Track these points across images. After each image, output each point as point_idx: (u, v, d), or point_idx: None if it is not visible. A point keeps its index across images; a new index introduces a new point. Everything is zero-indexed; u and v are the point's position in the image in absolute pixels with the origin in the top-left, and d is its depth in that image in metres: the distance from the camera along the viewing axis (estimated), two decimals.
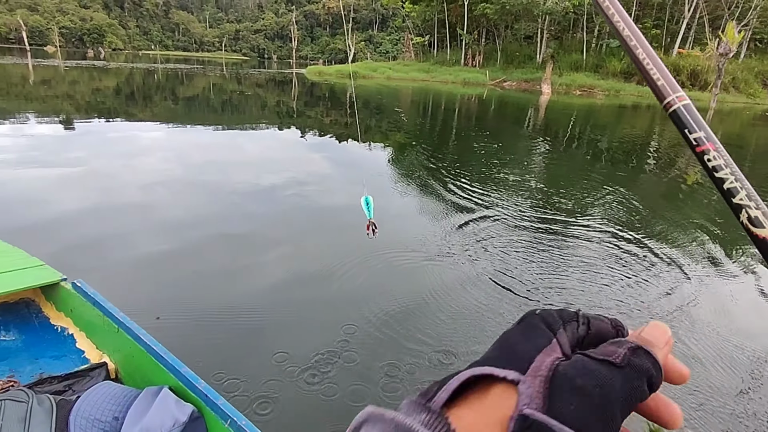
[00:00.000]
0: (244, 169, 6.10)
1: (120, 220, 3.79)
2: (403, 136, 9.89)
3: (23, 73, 21.59)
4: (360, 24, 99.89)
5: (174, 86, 21.01)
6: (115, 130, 8.58)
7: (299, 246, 3.57)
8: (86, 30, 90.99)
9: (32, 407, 1.10)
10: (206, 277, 2.91)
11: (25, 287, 1.73)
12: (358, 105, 16.31)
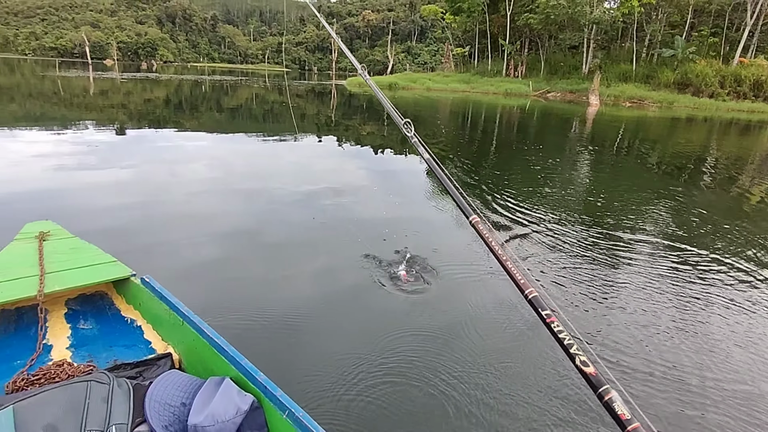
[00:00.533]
0: (282, 177, 6.07)
1: (169, 222, 4.03)
2: (441, 147, 9.54)
3: (85, 84, 22.89)
4: (399, 35, 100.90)
5: (219, 97, 21.62)
6: (164, 139, 8.76)
7: (335, 255, 3.44)
8: (141, 44, 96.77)
9: (113, 389, 1.17)
10: (242, 276, 3.05)
11: (99, 281, 1.86)
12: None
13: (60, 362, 1.43)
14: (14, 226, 2.27)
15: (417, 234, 3.93)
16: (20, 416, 1.04)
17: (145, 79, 31.48)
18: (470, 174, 6.70)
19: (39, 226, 2.17)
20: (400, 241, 3.69)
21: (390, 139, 10.60)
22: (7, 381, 1.35)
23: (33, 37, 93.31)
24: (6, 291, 1.64)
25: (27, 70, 37.17)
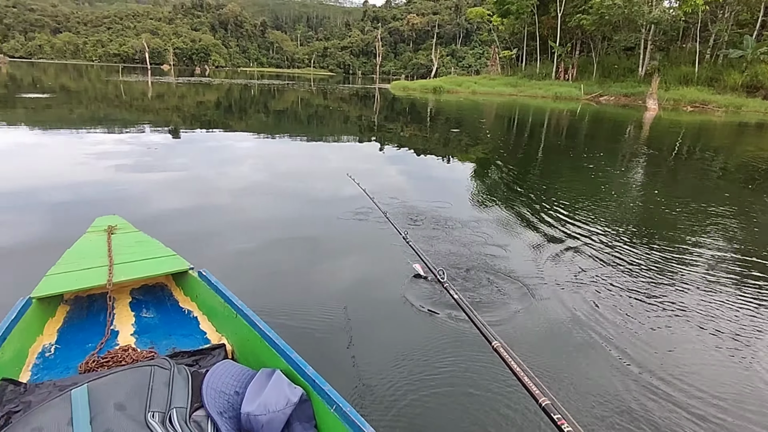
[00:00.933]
0: (324, 179, 6.19)
1: (220, 219, 4.23)
2: (485, 151, 9.38)
3: (143, 89, 24.37)
4: (443, 39, 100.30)
5: (266, 100, 22.36)
6: (214, 140, 9.15)
7: (377, 255, 3.46)
8: (195, 50, 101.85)
9: (173, 375, 1.23)
10: (287, 272, 3.15)
11: (160, 273, 1.97)
12: (440, 119, 16.01)
13: (125, 347, 1.54)
14: (86, 219, 2.46)
15: (464, 242, 3.88)
16: (94, 394, 1.12)
17: (198, 83, 33.06)
18: (516, 181, 6.52)
19: (108, 221, 2.33)
20: (448, 246, 3.66)
21: (431, 142, 10.55)
22: (81, 362, 1.47)
23: (99, 45, 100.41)
24: (80, 279, 1.78)
25: (93, 75, 40.04)
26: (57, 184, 5.03)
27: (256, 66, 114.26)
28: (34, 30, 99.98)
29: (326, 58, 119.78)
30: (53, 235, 3.43)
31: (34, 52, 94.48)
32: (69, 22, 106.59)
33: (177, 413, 1.11)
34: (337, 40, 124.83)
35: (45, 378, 1.41)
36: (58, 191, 4.77)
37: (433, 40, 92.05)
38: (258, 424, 1.10)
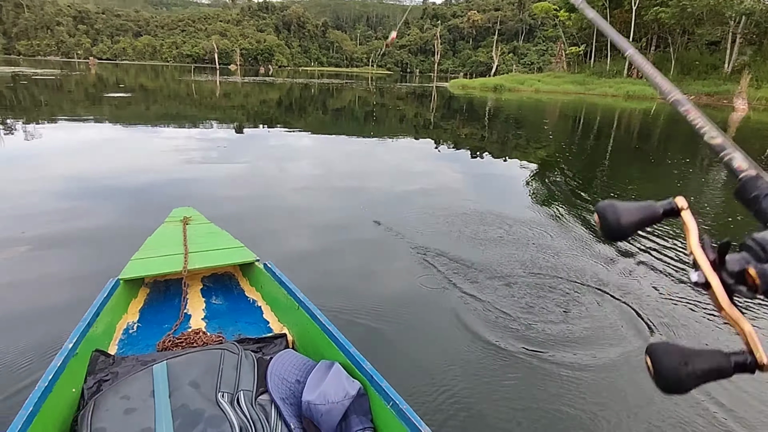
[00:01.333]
0: (379, 176, 6.26)
1: (280, 213, 4.42)
2: (546, 153, 9.01)
3: (212, 87, 25.86)
4: (505, 35, 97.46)
5: (325, 99, 22.92)
6: (275, 137, 9.54)
7: (432, 254, 3.37)
8: (260, 50, 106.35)
9: (241, 359, 1.30)
10: (343, 267, 3.22)
11: (229, 263, 2.09)
12: (499, 118, 15.60)
13: (197, 330, 1.66)
14: (162, 209, 2.67)
15: (519, 240, 3.77)
16: (172, 371, 1.22)
17: (262, 82, 34.53)
18: (581, 186, 6.20)
19: (183, 212, 2.52)
20: (502, 246, 3.58)
21: (489, 141, 10.32)
22: (158, 340, 1.60)
23: (174, 47, 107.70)
24: (160, 265, 1.95)
25: (168, 75, 43.05)
26: (137, 176, 5.48)
27: (316, 65, 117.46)
28: (119, 34, 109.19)
29: (384, 56, 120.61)
30: (134, 222, 3.75)
31: (118, 54, 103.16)
32: (149, 26, 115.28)
33: (244, 395, 1.18)
34: (396, 39, 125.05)
35: (129, 352, 1.55)
36: (138, 182, 5.20)
37: (493, 37, 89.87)
38: (318, 413, 1.14)
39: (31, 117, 10.82)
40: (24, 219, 3.77)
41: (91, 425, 1.09)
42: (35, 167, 5.83)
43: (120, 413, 1.12)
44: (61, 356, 1.26)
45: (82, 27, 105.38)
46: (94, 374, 1.34)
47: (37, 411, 1.10)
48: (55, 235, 3.43)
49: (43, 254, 3.11)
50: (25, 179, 5.15)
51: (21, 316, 2.33)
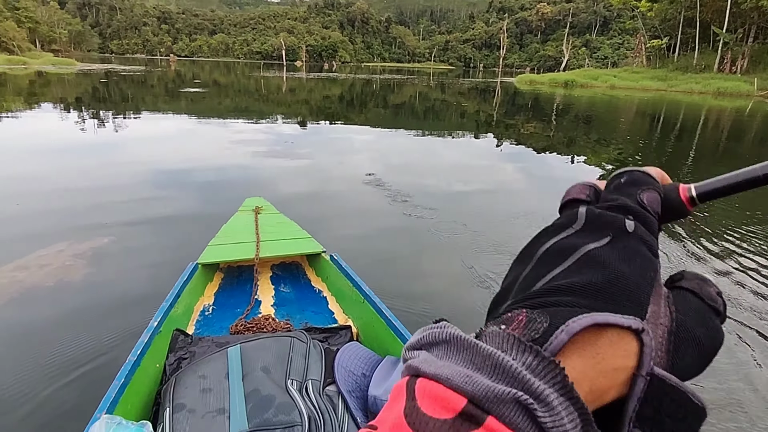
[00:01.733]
0: (437, 173, 6.17)
1: (340, 206, 4.47)
2: (620, 154, 8.42)
3: (279, 83, 26.92)
4: (576, 28, 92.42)
5: (386, 94, 23.04)
6: (336, 132, 9.74)
7: (496, 255, 3.22)
8: (324, 47, 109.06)
9: (310, 348, 1.31)
10: (403, 262, 3.22)
11: (297, 253, 2.15)
12: (567, 116, 14.84)
13: (267, 316, 1.72)
14: (232, 198, 2.80)
15: None
16: (245, 354, 1.27)
17: (326, 78, 35.38)
18: None
19: (255, 202, 2.63)
20: None
21: (555, 140, 9.84)
22: (231, 324, 1.69)
23: (245, 44, 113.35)
24: (234, 252, 2.04)
25: (239, 71, 45.35)
26: (210, 166, 5.82)
27: (378, 61, 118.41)
28: (197, 32, 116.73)
29: (447, 51, 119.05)
30: (207, 209, 3.99)
31: (195, 52, 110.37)
32: (223, 25, 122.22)
33: (312, 384, 1.20)
34: (460, 33, 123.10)
35: (204, 333, 1.64)
36: (211, 172, 5.52)
37: (564, 30, 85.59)
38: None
39: (119, 110, 11.87)
40: (111, 203, 4.14)
41: (173, 400, 1.16)
42: (123, 156, 6.38)
43: (198, 391, 1.18)
44: (147, 333, 1.36)
45: (165, 27, 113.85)
46: (174, 352, 1.42)
47: (128, 382, 1.19)
48: (140, 218, 3.73)
49: (128, 234, 3.39)
50: (114, 166, 5.65)
51: (109, 291, 2.55)
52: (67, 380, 1.78)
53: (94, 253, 3.03)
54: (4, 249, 3.02)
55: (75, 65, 36.01)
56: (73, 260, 2.86)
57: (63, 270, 2.74)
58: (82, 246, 3.10)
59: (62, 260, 2.86)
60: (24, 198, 4.17)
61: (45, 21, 62.55)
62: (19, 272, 2.69)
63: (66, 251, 3.00)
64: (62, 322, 2.19)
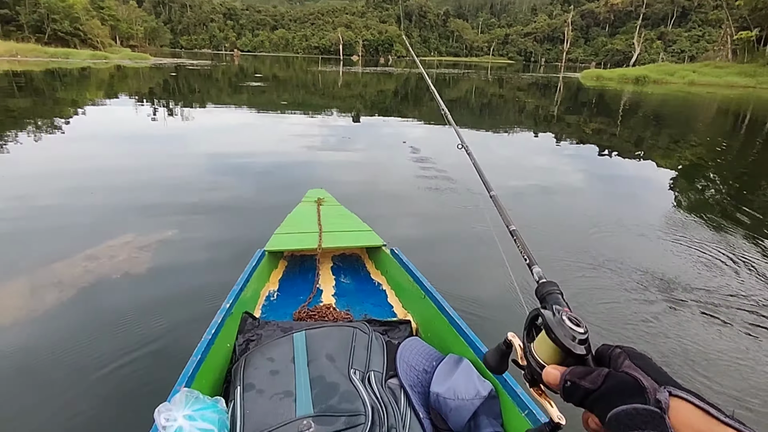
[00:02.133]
0: (491, 169, 5.93)
1: (396, 200, 4.54)
2: (695, 156, 7.79)
3: (335, 78, 27.36)
4: (650, 20, 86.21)
5: (440, 89, 22.73)
6: (389, 126, 9.77)
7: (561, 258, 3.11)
8: (381, 41, 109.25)
9: (372, 340, 1.32)
10: (464, 259, 3.17)
11: (357, 245, 2.18)
12: (636, 114, 13.92)
13: (328, 305, 1.77)
14: (292, 189, 2.88)
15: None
16: (310, 341, 1.31)
17: (381, 72, 35.50)
18: (740, 198, 5.20)
19: (317, 193, 2.70)
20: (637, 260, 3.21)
21: (620, 139, 9.27)
22: (294, 310, 1.74)
23: (304, 39, 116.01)
24: (298, 241, 2.11)
25: (297, 66, 46.53)
26: (270, 157, 6.05)
27: (435, 55, 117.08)
28: (259, 28, 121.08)
29: (506, 45, 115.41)
30: (267, 199, 4.16)
31: (257, 47, 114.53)
32: (284, 20, 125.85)
33: (374, 376, 1.22)
34: (520, 26, 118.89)
35: (270, 318, 1.71)
36: (271, 163, 5.73)
37: (636, 23, 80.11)
38: (446, 407, 1.13)
39: (186, 101, 12.61)
40: (181, 190, 4.41)
41: (243, 380, 1.22)
42: (190, 146, 6.78)
43: (266, 373, 1.24)
44: (220, 314, 1.44)
45: (230, 23, 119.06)
46: (243, 333, 1.50)
47: (203, 359, 1.26)
48: (207, 206, 3.96)
49: (197, 220, 3.60)
50: (183, 156, 6.02)
51: (179, 274, 2.73)
52: (146, 356, 1.93)
53: (165, 238, 3.24)
54: (91, 234, 3.32)
55: (149, 59, 38.63)
56: (148, 244, 3.09)
57: (140, 252, 2.96)
58: (156, 232, 3.33)
59: (139, 244, 3.10)
60: (101, 185, 4.54)
61: (124, 19, 67.46)
62: (104, 256, 2.94)
63: (142, 237, 3.24)
64: (142, 300, 2.37)
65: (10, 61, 26.58)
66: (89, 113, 9.74)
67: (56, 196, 4.09)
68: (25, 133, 7.08)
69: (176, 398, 1.08)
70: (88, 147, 6.32)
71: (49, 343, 1.99)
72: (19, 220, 3.49)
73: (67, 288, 2.45)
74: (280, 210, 2.55)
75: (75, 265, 2.71)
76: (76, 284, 2.50)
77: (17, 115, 8.81)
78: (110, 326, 2.12)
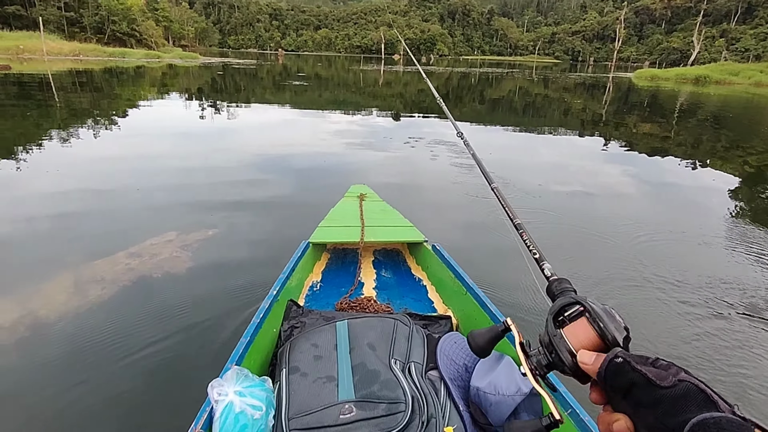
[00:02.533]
0: (534, 172, 5.90)
1: (433, 198, 4.52)
2: (759, 162, 7.27)
3: (375, 77, 27.54)
4: (711, 16, 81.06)
5: (483, 88, 22.41)
6: (429, 125, 9.73)
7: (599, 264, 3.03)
8: (423, 40, 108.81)
9: (412, 332, 1.35)
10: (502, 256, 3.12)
11: (399, 240, 2.22)
12: (694, 117, 13.16)
13: (369, 297, 1.81)
14: (334, 186, 2.94)
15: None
16: (352, 329, 1.35)
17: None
18: None
19: (359, 189, 2.75)
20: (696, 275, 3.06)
21: (675, 143, 8.80)
22: (336, 301, 1.80)
23: (346, 38, 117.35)
24: (341, 234, 2.17)
25: (339, 65, 47.15)
26: (312, 154, 6.19)
27: (478, 54, 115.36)
28: (303, 28, 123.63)
29: (553, 44, 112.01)
30: (309, 194, 4.27)
31: (300, 46, 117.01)
32: (327, 20, 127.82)
33: (414, 367, 1.24)
34: (568, 25, 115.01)
35: (313, 307, 1.78)
36: (312, 159, 5.86)
37: (695, 19, 75.62)
38: (486, 402, 1.14)
39: (232, 99, 13.09)
40: (228, 184, 4.60)
41: (289, 362, 1.28)
42: (236, 141, 7.05)
43: (310, 357, 1.29)
44: (268, 300, 1.51)
45: (275, 23, 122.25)
46: (288, 320, 1.56)
47: (252, 341, 1.33)
48: (254, 199, 4.11)
49: (245, 213, 3.75)
50: (229, 150, 6.27)
51: (231, 260, 2.86)
52: (200, 334, 2.04)
53: (218, 229, 3.40)
54: (146, 224, 3.53)
55: (198, 59, 40.34)
56: (200, 236, 3.26)
57: (193, 243, 3.13)
58: (208, 224, 3.51)
59: (192, 235, 3.27)
60: (151, 177, 4.80)
61: (177, 19, 70.71)
62: (161, 245, 3.12)
63: (194, 229, 3.41)
64: (195, 286, 2.51)
65: (73, 60, 28.52)
66: (142, 109, 10.32)
67: (116, 184, 4.38)
68: (85, 127, 7.61)
69: (228, 375, 1.15)
70: (142, 141, 6.71)
71: (116, 326, 2.15)
72: (84, 208, 3.77)
73: (129, 275, 2.63)
74: (323, 204, 2.63)
75: (136, 254, 2.90)
76: (137, 271, 2.68)
77: (79, 109, 9.46)
78: (169, 309, 2.26)
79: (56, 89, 12.91)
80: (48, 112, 8.93)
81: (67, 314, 2.20)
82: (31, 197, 3.96)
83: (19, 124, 7.51)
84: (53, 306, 2.25)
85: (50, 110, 9.11)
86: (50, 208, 3.70)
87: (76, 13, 42.55)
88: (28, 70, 18.73)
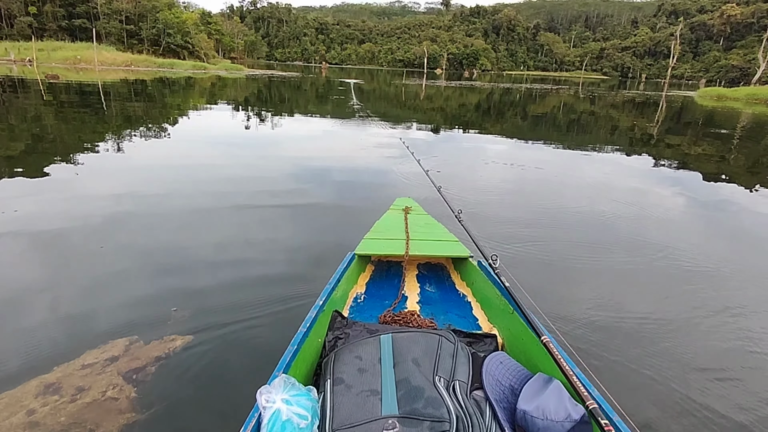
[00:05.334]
0: (576, 190, 5.83)
1: (476, 213, 4.45)
2: None
3: (417, 91, 27.71)
4: None
5: (526, 104, 22.06)
6: (468, 140, 9.68)
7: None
8: (466, 55, 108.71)
9: (457, 349, 1.32)
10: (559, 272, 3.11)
11: (444, 255, 2.20)
12: (754, 137, 12.38)
13: (412, 312, 1.81)
14: (383, 198, 2.97)
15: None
16: (396, 343, 1.36)
17: (463, 86, 35.27)
18: None
19: (404, 202, 2.78)
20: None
21: (731, 164, 8.30)
22: (380, 314, 1.81)
23: (389, 52, 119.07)
24: (386, 247, 2.19)
25: (381, 78, 47.82)
26: (357, 167, 6.30)
27: (522, 69, 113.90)
28: (347, 42, 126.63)
29: (601, 60, 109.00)
30: (349, 205, 4.34)
31: (344, 60, 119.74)
32: (371, 34, 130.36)
33: (459, 386, 1.23)
34: (618, 40, 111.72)
35: (356, 318, 1.80)
36: (357, 172, 5.97)
37: (758, 35, 71.50)
38: (534, 426, 1.11)
39: (276, 110, 13.56)
40: (275, 195, 4.75)
41: (333, 373, 1.30)
42: (281, 151, 7.28)
43: (354, 370, 1.30)
44: (314, 310, 1.54)
45: (321, 36, 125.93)
46: (332, 330, 1.59)
47: (299, 350, 1.36)
48: (302, 209, 4.23)
49: (294, 223, 3.86)
50: (274, 159, 6.49)
51: (277, 269, 2.93)
52: (248, 340, 2.11)
53: (267, 238, 3.50)
54: (206, 219, 3.70)
55: (243, 70, 42.18)
56: (242, 238, 3.37)
57: (239, 251, 3.25)
58: (257, 233, 3.63)
59: (239, 243, 3.39)
60: (209, 179, 5.05)
61: (228, 33, 74.28)
62: (210, 248, 3.26)
63: (242, 237, 3.54)
64: (242, 293, 2.58)
65: (125, 70, 30.48)
66: (192, 118, 10.88)
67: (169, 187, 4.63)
68: (137, 134, 8.10)
69: (275, 382, 1.18)
70: (190, 149, 7.07)
71: (165, 327, 2.25)
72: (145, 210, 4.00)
73: (185, 277, 2.76)
74: (368, 216, 2.66)
75: (187, 254, 3.04)
76: (187, 271, 2.80)
77: (133, 118, 10.09)
78: (220, 314, 2.33)
79: (106, 97, 13.86)
80: (103, 117, 9.60)
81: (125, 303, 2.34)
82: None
83: (88, 126, 8.10)
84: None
85: (103, 116, 9.79)
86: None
87: (135, 26, 45.83)
88: (77, 79, 20.14)
